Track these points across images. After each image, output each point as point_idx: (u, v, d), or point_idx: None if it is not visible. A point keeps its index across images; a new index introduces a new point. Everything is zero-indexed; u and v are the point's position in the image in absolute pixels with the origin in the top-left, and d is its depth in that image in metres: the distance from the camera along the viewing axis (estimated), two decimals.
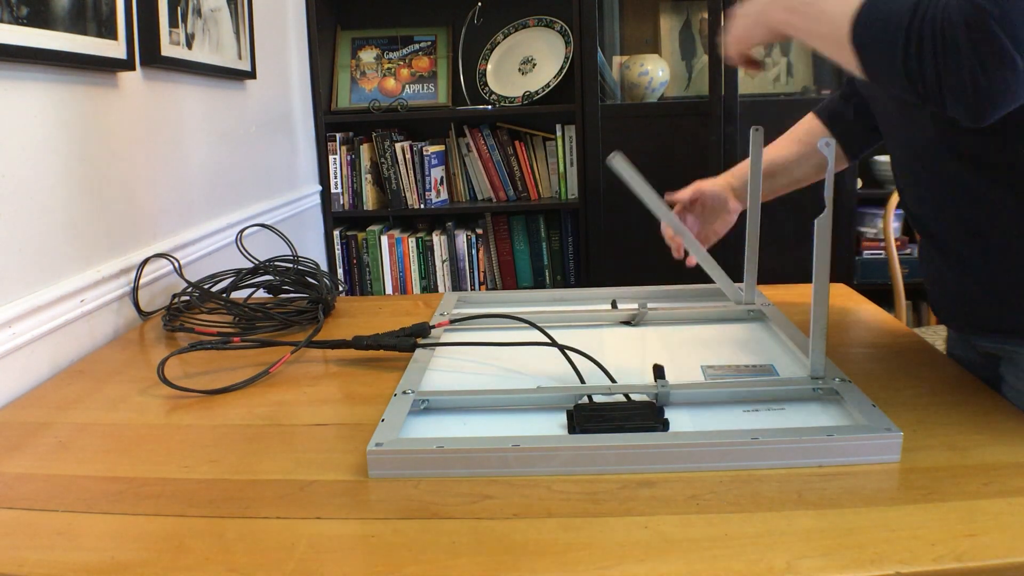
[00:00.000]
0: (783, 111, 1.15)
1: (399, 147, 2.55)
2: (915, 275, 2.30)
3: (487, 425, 0.82)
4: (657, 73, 2.54)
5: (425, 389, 0.90)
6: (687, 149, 2.43)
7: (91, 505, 0.70)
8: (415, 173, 2.57)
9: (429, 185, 2.57)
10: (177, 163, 1.53)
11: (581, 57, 2.42)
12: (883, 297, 1.95)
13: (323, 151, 2.53)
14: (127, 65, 1.31)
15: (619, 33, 2.70)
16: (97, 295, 1.22)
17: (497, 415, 0.84)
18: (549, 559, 0.59)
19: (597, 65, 2.44)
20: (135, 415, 0.90)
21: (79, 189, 1.21)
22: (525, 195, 2.62)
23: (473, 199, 2.67)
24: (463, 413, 0.85)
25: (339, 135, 2.55)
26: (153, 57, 1.41)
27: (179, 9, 1.50)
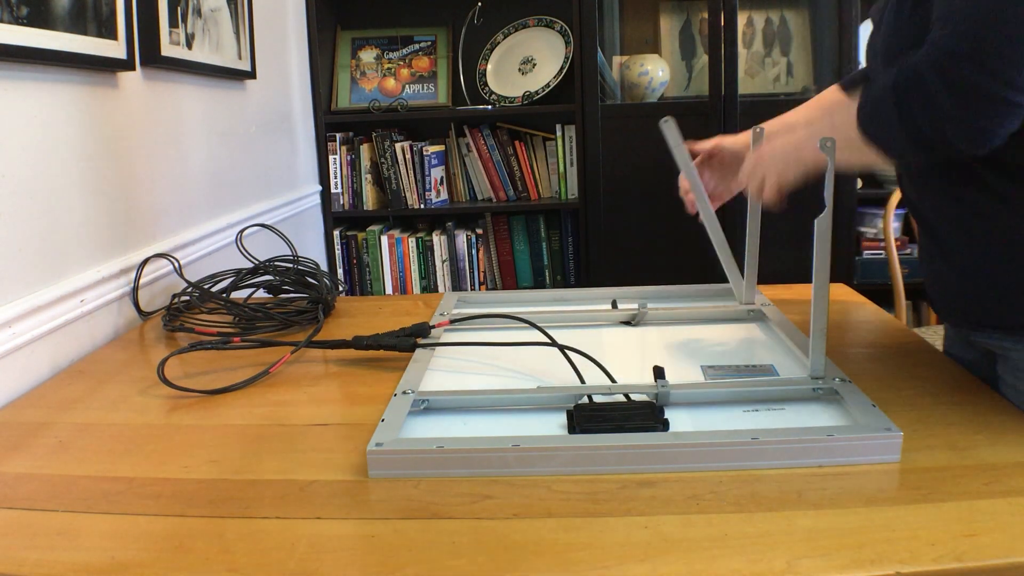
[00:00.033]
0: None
1: (399, 147, 2.55)
2: (915, 275, 2.30)
3: (487, 425, 0.82)
4: (657, 73, 2.54)
5: (425, 389, 0.90)
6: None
7: (91, 505, 0.70)
8: (415, 173, 2.57)
9: (429, 185, 2.56)
10: (177, 163, 1.53)
11: (581, 57, 2.42)
12: (883, 297, 1.95)
13: (323, 151, 2.53)
14: (127, 65, 1.31)
15: (619, 33, 2.70)
16: (97, 295, 1.22)
17: (497, 415, 0.84)
18: (549, 559, 0.59)
19: (597, 65, 2.44)
20: (135, 415, 0.90)
21: (79, 189, 1.21)
22: (525, 195, 2.62)
23: (473, 199, 2.67)
24: (463, 413, 0.85)
25: (339, 135, 2.55)
26: (153, 57, 1.41)
27: (179, 9, 1.50)
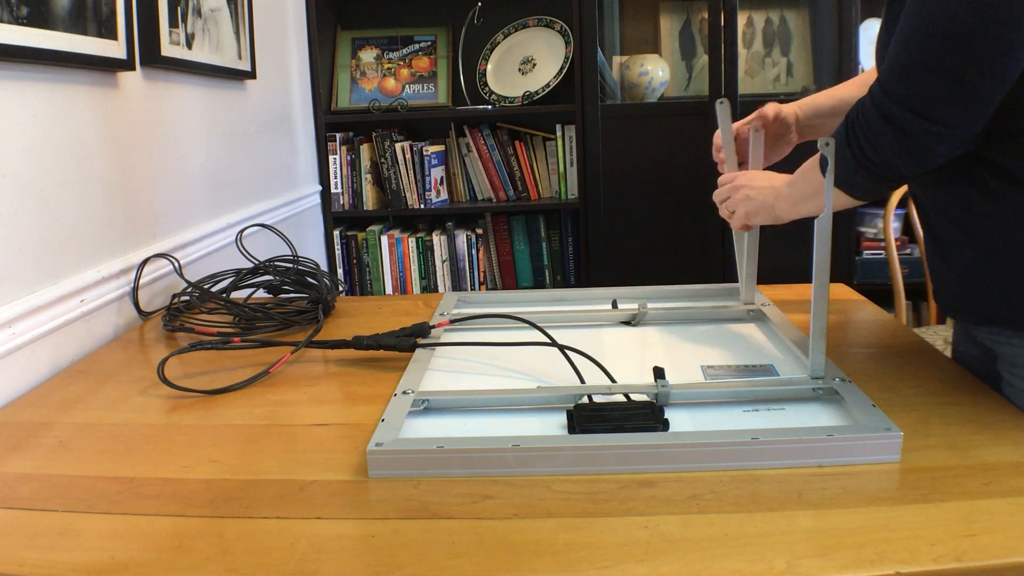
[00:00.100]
0: None
1: (399, 147, 2.55)
2: (915, 275, 2.30)
3: (487, 425, 0.82)
4: (657, 73, 2.54)
5: (425, 389, 0.90)
6: (687, 149, 2.42)
7: (91, 505, 0.70)
8: (415, 173, 2.57)
9: (429, 185, 2.56)
10: (177, 163, 1.53)
11: (581, 57, 2.42)
12: (883, 297, 1.95)
13: (323, 151, 2.53)
14: (127, 65, 1.31)
15: (619, 33, 2.70)
16: (97, 295, 1.22)
17: (497, 415, 0.84)
18: (549, 559, 0.59)
19: (597, 65, 2.44)
20: (135, 415, 0.90)
21: (79, 189, 1.21)
22: (525, 195, 2.62)
23: (473, 199, 2.67)
24: (463, 413, 0.85)
25: (339, 135, 2.55)
26: (153, 57, 1.41)
27: (179, 9, 1.50)
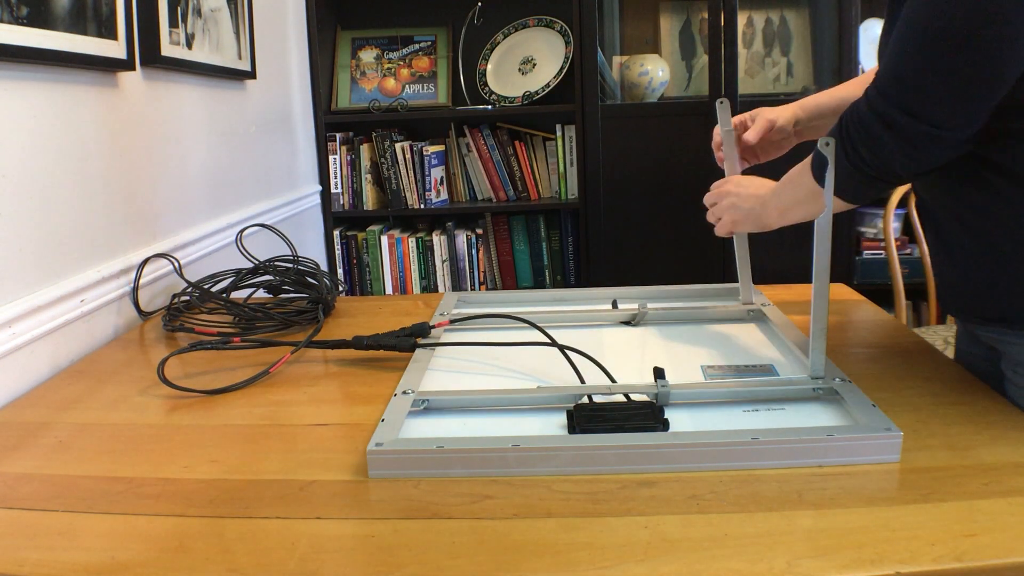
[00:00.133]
0: None
1: (399, 147, 2.55)
2: (915, 275, 2.30)
3: (487, 425, 0.82)
4: (657, 73, 2.54)
5: (425, 389, 0.90)
6: (687, 149, 2.42)
7: (91, 505, 0.70)
8: (415, 173, 2.57)
9: (429, 185, 2.56)
10: (177, 163, 1.53)
11: (581, 57, 2.42)
12: (883, 297, 1.95)
13: (323, 151, 2.53)
14: (127, 65, 1.31)
15: (619, 33, 2.70)
16: (97, 295, 1.22)
17: (497, 415, 0.84)
18: (549, 559, 0.59)
19: (597, 65, 2.44)
20: (135, 415, 0.90)
21: (79, 189, 1.21)
22: (525, 195, 2.62)
23: (473, 199, 2.67)
24: (463, 413, 0.85)
25: (339, 135, 2.55)
26: (153, 57, 1.41)
27: (179, 9, 1.50)
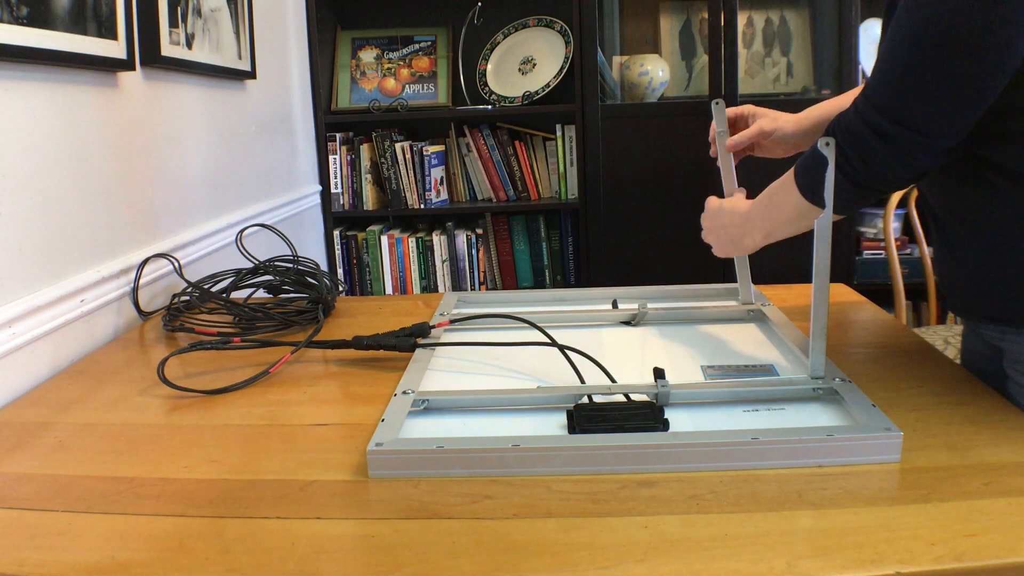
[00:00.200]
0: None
1: (399, 147, 2.55)
2: (915, 275, 2.30)
3: (487, 425, 0.82)
4: (657, 73, 2.54)
5: (425, 389, 0.90)
6: (687, 149, 2.42)
7: (91, 505, 0.70)
8: (415, 173, 2.57)
9: (429, 185, 2.56)
10: (177, 163, 1.53)
11: (581, 57, 2.42)
12: (883, 297, 1.95)
13: (323, 151, 2.53)
14: (127, 65, 1.31)
15: (619, 33, 2.70)
16: (97, 295, 1.22)
17: (497, 415, 0.84)
18: (549, 559, 0.59)
19: (597, 65, 2.44)
20: (135, 415, 0.90)
21: (79, 189, 1.21)
22: (525, 195, 2.62)
23: (473, 199, 2.67)
24: (463, 413, 0.85)
25: (339, 135, 2.55)
26: (153, 57, 1.41)
27: (179, 9, 1.50)
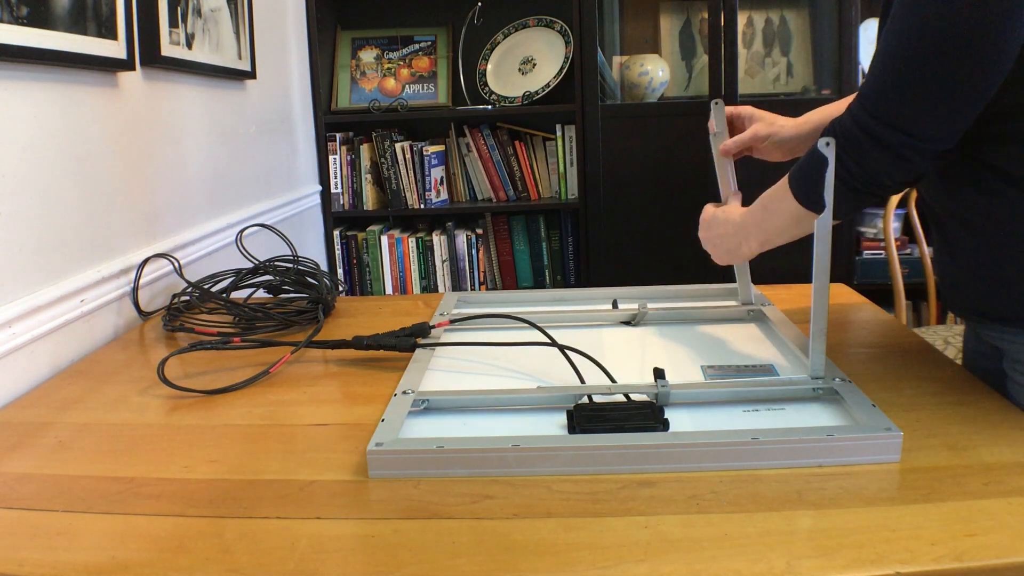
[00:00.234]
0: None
1: (399, 147, 2.55)
2: (915, 275, 2.30)
3: (487, 425, 0.82)
4: (657, 73, 2.54)
5: (425, 389, 0.90)
6: (687, 149, 2.42)
7: (91, 505, 0.70)
8: (415, 173, 2.57)
9: (429, 185, 2.56)
10: (177, 163, 1.53)
11: (581, 57, 2.42)
12: (883, 297, 1.95)
13: (323, 151, 2.53)
14: (127, 65, 1.31)
15: (619, 33, 2.70)
16: (97, 295, 1.22)
17: (497, 415, 0.84)
18: (549, 559, 0.59)
19: (597, 65, 2.44)
20: (135, 415, 0.90)
21: (79, 189, 1.21)
22: (525, 195, 2.62)
23: (473, 199, 2.67)
24: (463, 413, 0.85)
25: (339, 135, 2.55)
26: (153, 57, 1.41)
27: (179, 9, 1.50)
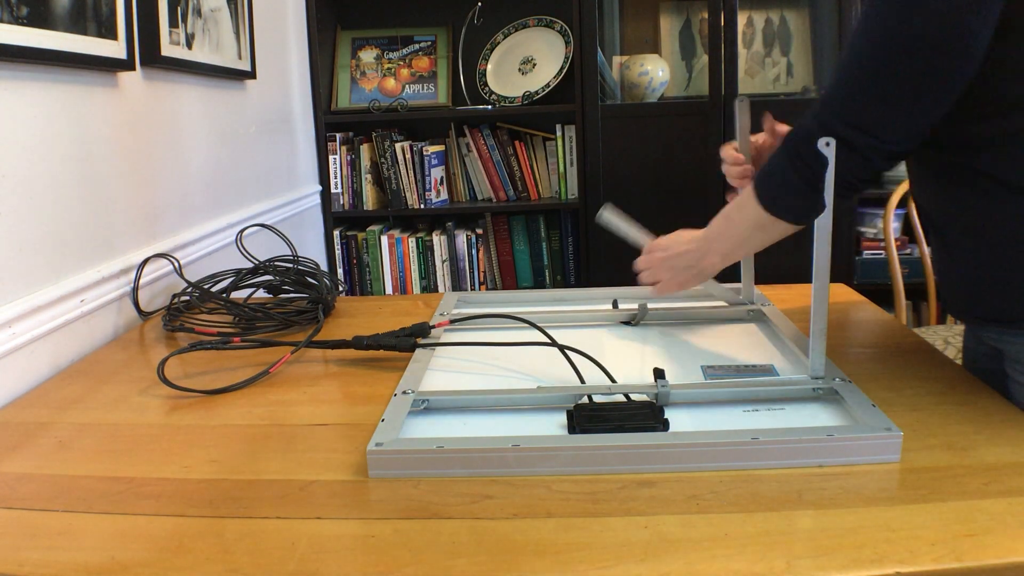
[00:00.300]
0: (783, 111, 1.14)
1: (399, 147, 2.55)
2: (915, 275, 2.30)
3: (487, 425, 0.82)
4: (657, 73, 2.54)
5: (425, 389, 0.90)
6: (687, 149, 2.42)
7: (91, 505, 0.70)
8: (415, 173, 2.57)
9: (429, 185, 2.56)
10: (177, 163, 1.53)
11: (581, 57, 2.42)
12: (883, 297, 1.95)
13: (323, 151, 2.53)
14: (127, 65, 1.31)
15: (619, 33, 2.70)
16: (97, 295, 1.22)
17: (497, 415, 0.84)
18: (549, 559, 0.59)
19: (597, 65, 2.44)
20: (135, 415, 0.90)
21: (79, 189, 1.21)
22: (525, 195, 2.62)
23: (473, 199, 2.67)
24: (463, 413, 0.85)
25: (339, 135, 2.55)
26: (153, 57, 1.41)
27: (179, 9, 1.50)
